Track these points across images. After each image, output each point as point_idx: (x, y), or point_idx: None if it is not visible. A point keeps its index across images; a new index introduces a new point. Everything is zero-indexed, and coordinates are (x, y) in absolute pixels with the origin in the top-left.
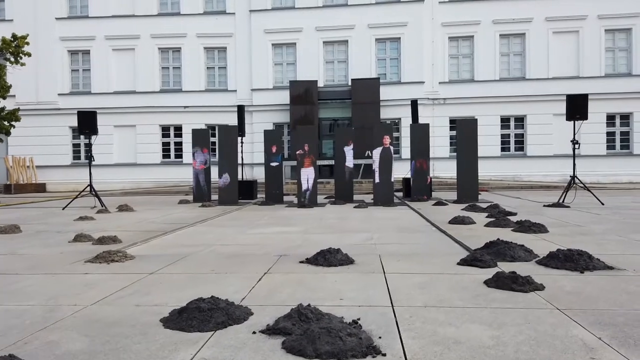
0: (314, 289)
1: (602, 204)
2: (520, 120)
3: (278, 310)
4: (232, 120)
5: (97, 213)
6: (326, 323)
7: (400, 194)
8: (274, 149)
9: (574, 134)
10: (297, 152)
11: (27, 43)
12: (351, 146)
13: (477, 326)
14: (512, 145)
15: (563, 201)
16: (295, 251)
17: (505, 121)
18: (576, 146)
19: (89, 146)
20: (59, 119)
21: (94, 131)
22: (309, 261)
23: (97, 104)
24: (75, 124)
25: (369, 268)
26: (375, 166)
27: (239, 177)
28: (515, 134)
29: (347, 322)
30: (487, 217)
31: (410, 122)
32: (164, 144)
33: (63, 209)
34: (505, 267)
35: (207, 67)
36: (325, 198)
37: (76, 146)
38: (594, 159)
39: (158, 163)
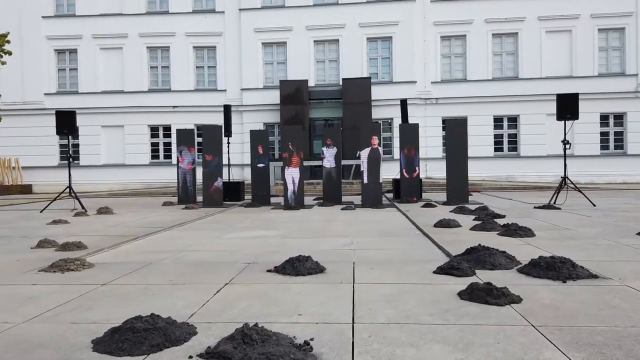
0: (273, 302)
1: (594, 206)
2: (513, 120)
3: (226, 329)
4: (222, 120)
5: (74, 216)
6: (272, 345)
7: (390, 195)
8: (260, 150)
9: (565, 134)
10: (284, 153)
11: (8, 41)
12: (332, 146)
13: (441, 347)
14: (505, 146)
15: (554, 202)
16: (267, 258)
17: (498, 121)
18: (567, 146)
19: (76, 147)
20: (45, 119)
21: (73, 132)
22: (277, 270)
23: (84, 103)
24: None
25: (339, 278)
26: (364, 167)
27: (225, 178)
28: (508, 134)
29: (298, 342)
30: (474, 219)
31: (400, 122)
32: (152, 144)
33: (41, 211)
34: (484, 275)
35: (197, 67)
36: (315, 199)
37: (63, 147)
38: (587, 159)
39: (147, 164)
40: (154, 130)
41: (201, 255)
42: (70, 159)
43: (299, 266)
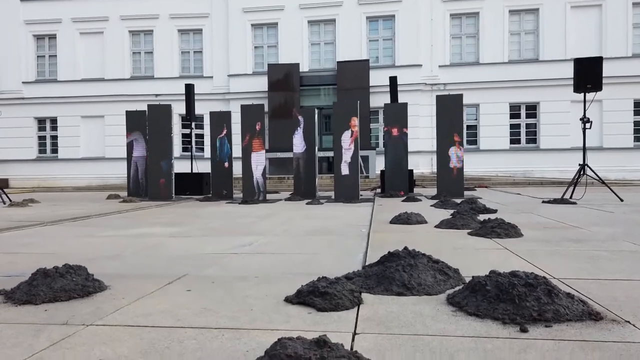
0: None
1: (621, 200)
2: (532, 108)
3: None
4: (209, 108)
5: None
6: None
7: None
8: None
9: (584, 110)
10: (246, 134)
11: None
12: (300, 126)
13: None
14: (523, 137)
15: (570, 197)
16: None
17: (515, 109)
18: (587, 125)
19: (55, 139)
20: (23, 109)
21: None
22: (8, 293)
23: (64, 92)
24: (41, 114)
25: (86, 312)
26: (342, 155)
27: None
28: (526, 124)
29: None
30: (451, 214)
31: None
32: None
33: None
34: (376, 308)
35: (182, 52)
36: (292, 194)
37: (42, 139)
38: (619, 152)
39: None
40: None
41: None
42: None
43: (40, 286)
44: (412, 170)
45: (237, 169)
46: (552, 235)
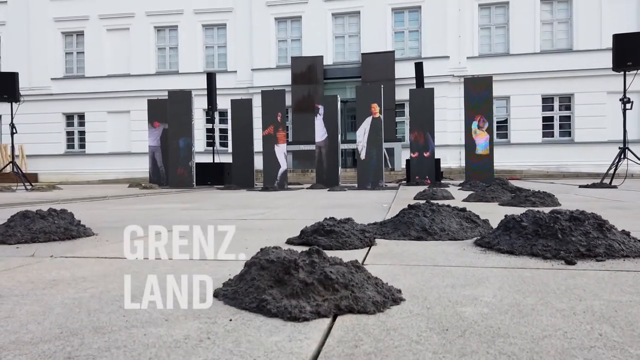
0: None
1: None
2: (566, 100)
3: None
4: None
5: None
6: None
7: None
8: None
9: (625, 90)
10: (269, 126)
11: None
12: (319, 112)
13: None
14: (557, 130)
15: (610, 182)
16: None
17: (547, 101)
18: (628, 106)
19: (82, 134)
20: (51, 105)
21: (15, 97)
22: None
23: (91, 88)
24: (69, 110)
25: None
26: (361, 139)
27: (209, 159)
28: (560, 117)
29: None
30: (481, 189)
31: (417, 91)
32: None
33: None
34: (399, 247)
35: (206, 47)
36: (313, 184)
37: (70, 134)
38: None
39: None
40: None
41: None
42: (14, 130)
43: (17, 227)
44: (439, 159)
45: (258, 164)
46: (595, 205)
